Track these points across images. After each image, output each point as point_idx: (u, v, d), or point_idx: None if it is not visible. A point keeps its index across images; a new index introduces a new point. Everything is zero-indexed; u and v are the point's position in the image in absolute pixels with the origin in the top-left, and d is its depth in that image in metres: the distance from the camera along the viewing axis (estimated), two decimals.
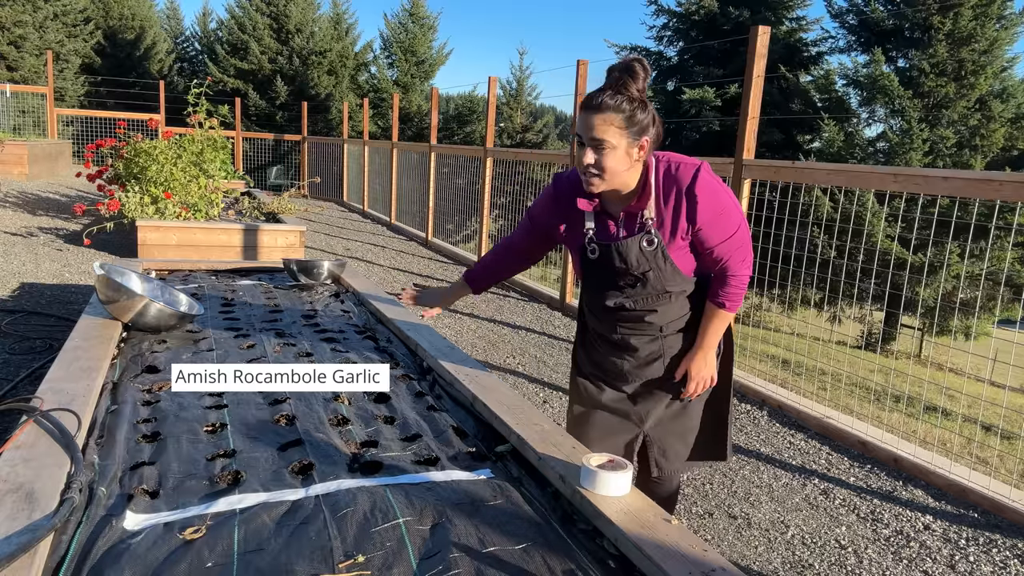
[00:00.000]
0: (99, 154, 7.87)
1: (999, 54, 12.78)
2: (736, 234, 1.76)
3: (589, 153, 1.66)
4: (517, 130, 20.01)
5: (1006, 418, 5.61)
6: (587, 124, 1.63)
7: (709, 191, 1.70)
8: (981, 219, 9.54)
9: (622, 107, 1.62)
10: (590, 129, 1.63)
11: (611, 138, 1.63)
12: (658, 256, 1.75)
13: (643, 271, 1.77)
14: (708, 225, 1.72)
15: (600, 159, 1.65)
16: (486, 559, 1.27)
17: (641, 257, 1.75)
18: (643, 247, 1.75)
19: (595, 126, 1.63)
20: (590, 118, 1.63)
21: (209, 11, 24.35)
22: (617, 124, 1.62)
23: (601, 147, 1.64)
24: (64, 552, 1.23)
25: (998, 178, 2.76)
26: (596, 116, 1.62)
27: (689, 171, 1.71)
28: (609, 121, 1.62)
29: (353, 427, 1.86)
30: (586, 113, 1.64)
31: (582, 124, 1.64)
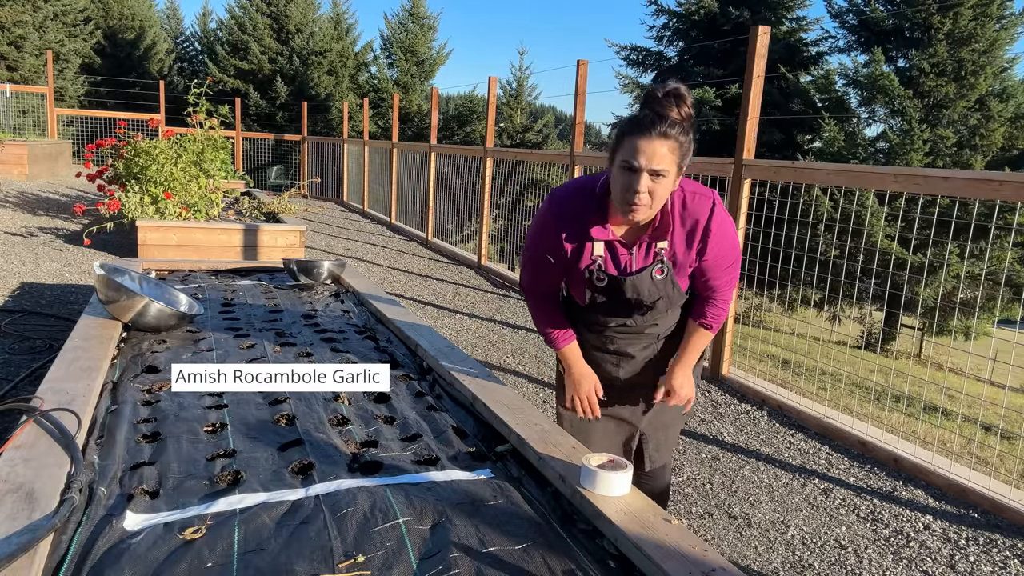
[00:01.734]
0: (99, 154, 7.88)
1: (999, 54, 12.79)
2: (734, 264, 1.80)
3: (644, 180, 1.58)
4: (517, 130, 20.01)
5: (1006, 418, 5.61)
6: (649, 152, 1.55)
7: (723, 226, 1.72)
8: (981, 219, 9.54)
9: (680, 138, 1.58)
10: (652, 157, 1.56)
11: (669, 167, 1.58)
12: (667, 284, 1.77)
13: (654, 300, 1.79)
14: (716, 258, 1.75)
15: (655, 188, 1.59)
16: (486, 559, 1.27)
17: (653, 288, 1.76)
18: (655, 277, 1.75)
19: (657, 154, 1.56)
20: (653, 145, 1.55)
21: (209, 11, 24.38)
22: (674, 152, 1.58)
23: (658, 176, 1.58)
24: (64, 552, 1.23)
25: (998, 178, 2.76)
26: (661, 143, 1.56)
27: (707, 204, 1.71)
28: (671, 150, 1.57)
29: (353, 427, 1.86)
30: (647, 139, 1.56)
31: (639, 150, 1.56)
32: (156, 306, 2.59)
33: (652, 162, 1.56)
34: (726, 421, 3.62)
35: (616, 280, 1.76)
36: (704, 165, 4.38)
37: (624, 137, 1.59)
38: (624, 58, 17.41)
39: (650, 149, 1.55)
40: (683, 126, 1.58)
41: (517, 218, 8.86)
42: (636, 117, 1.60)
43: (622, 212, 1.64)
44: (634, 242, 1.75)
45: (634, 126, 1.58)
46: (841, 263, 4.29)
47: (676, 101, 1.59)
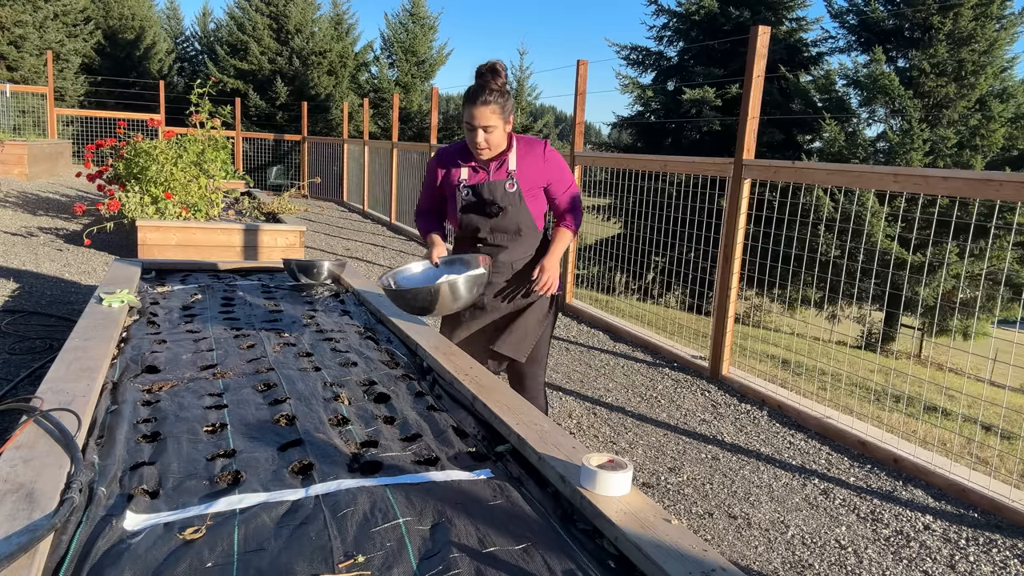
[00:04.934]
0: (99, 154, 7.88)
1: (999, 54, 12.79)
2: (572, 186, 2.59)
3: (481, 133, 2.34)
4: (517, 130, 20.00)
5: (1006, 418, 5.61)
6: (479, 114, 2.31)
7: (556, 153, 2.53)
8: (981, 219, 9.54)
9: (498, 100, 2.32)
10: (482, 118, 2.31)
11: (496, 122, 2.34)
12: (516, 196, 2.47)
13: (505, 204, 2.45)
14: (561, 176, 2.54)
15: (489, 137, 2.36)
16: (486, 559, 1.27)
17: (504, 196, 2.46)
18: (506, 189, 2.46)
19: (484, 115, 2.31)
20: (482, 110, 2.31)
21: (209, 11, 24.34)
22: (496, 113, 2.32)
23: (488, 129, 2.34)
24: (64, 552, 1.23)
25: (998, 178, 2.76)
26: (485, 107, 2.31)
27: (540, 141, 2.51)
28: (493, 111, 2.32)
29: (353, 427, 1.86)
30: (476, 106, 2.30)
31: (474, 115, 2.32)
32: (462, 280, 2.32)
33: (484, 121, 2.32)
34: (726, 421, 3.62)
35: (478, 188, 2.47)
36: (704, 165, 4.38)
37: (465, 104, 2.34)
38: (624, 58, 17.41)
39: (479, 114, 2.31)
40: (500, 91, 2.32)
41: None
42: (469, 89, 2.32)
43: (475, 155, 2.44)
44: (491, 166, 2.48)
45: (468, 97, 2.33)
46: (841, 263, 4.29)
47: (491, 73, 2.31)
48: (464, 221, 2.53)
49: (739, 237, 4.09)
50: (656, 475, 2.98)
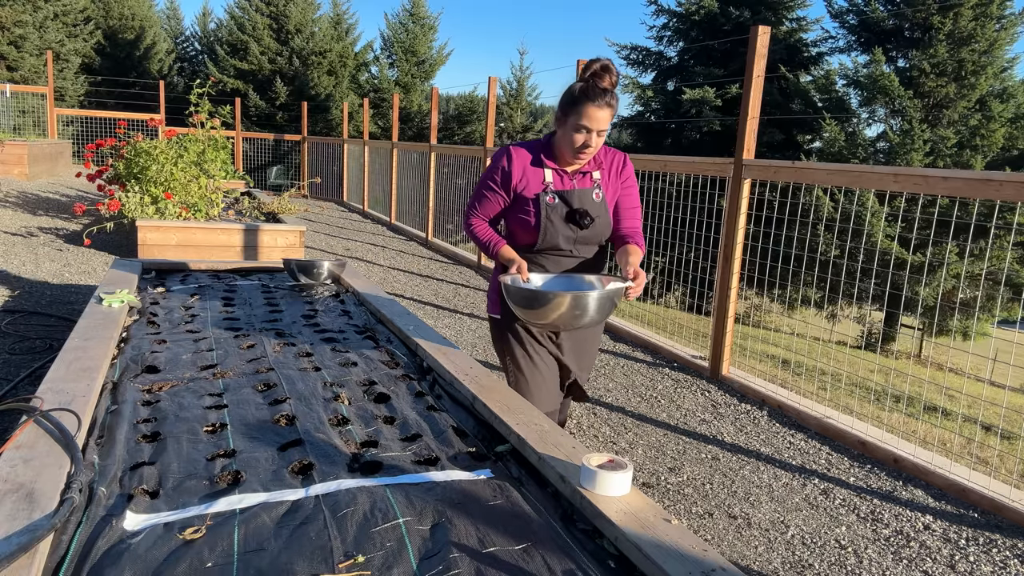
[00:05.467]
0: (99, 154, 7.88)
1: (999, 54, 12.78)
2: (640, 206, 2.41)
3: (594, 137, 2.13)
4: (517, 130, 20.01)
5: (1006, 418, 5.61)
6: (598, 117, 2.09)
7: (632, 167, 2.37)
8: (981, 219, 9.54)
9: (614, 104, 2.11)
10: (601, 121, 2.10)
11: (607, 126, 2.14)
12: (603, 207, 2.27)
13: (595, 215, 2.24)
14: (632, 192, 2.36)
15: (598, 141, 2.16)
16: (486, 559, 1.27)
17: (592, 205, 2.25)
18: (594, 198, 2.26)
19: (603, 118, 2.09)
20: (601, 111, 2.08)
21: (209, 11, 24.39)
22: (611, 116, 2.12)
23: (601, 133, 2.14)
24: (64, 552, 1.23)
25: (998, 178, 2.76)
26: (606, 111, 2.09)
27: (620, 153, 2.36)
28: (610, 115, 2.11)
29: (353, 427, 1.86)
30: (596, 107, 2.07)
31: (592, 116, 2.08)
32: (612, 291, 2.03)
33: (600, 124, 2.11)
34: (726, 421, 3.62)
35: (566, 194, 2.23)
36: (704, 165, 4.38)
37: (578, 104, 2.10)
38: (624, 58, 17.41)
39: (599, 115, 2.08)
40: (614, 93, 2.11)
41: None
42: (587, 89, 2.09)
43: (575, 158, 2.20)
44: (576, 171, 2.28)
45: (587, 96, 2.08)
46: (841, 263, 4.29)
47: (608, 73, 2.09)
48: (547, 232, 2.23)
49: (739, 237, 4.09)
50: (656, 475, 2.98)
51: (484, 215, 2.35)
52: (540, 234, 2.24)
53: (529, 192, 2.24)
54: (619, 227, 2.33)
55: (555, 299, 1.97)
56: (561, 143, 2.19)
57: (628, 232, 2.31)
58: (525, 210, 2.25)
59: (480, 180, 2.34)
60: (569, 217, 2.22)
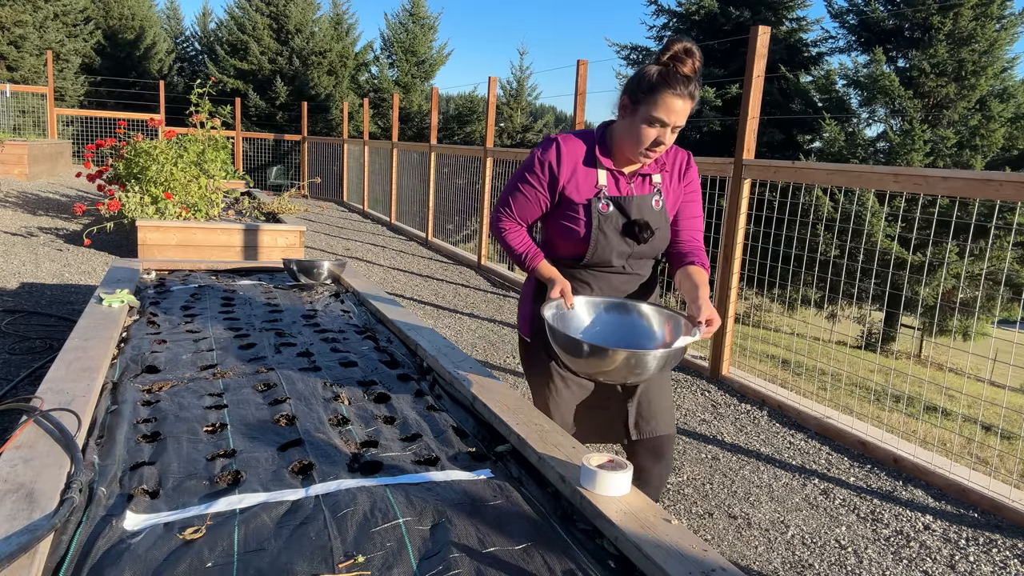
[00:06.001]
0: (99, 154, 7.88)
1: (999, 54, 12.78)
2: (702, 215, 2.05)
3: (669, 133, 1.75)
4: (517, 130, 20.01)
5: (1006, 418, 5.61)
6: (678, 110, 1.71)
7: (696, 170, 2.00)
8: (981, 219, 9.54)
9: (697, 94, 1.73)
10: (680, 115, 1.72)
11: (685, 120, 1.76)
12: (663, 215, 1.92)
13: (655, 226, 1.89)
14: (692, 200, 1.98)
15: (671, 137, 1.78)
16: (486, 559, 1.27)
17: (652, 213, 1.89)
18: (654, 206, 1.90)
19: (682, 112, 1.72)
20: (682, 103, 1.71)
21: (209, 11, 24.38)
22: (690, 108, 1.74)
23: (677, 129, 1.76)
24: (64, 552, 1.23)
25: (998, 178, 2.76)
26: (687, 102, 1.72)
27: (684, 152, 1.98)
28: (690, 107, 1.74)
29: (353, 427, 1.86)
30: (677, 97, 1.70)
31: (671, 108, 1.71)
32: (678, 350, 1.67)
33: (679, 119, 1.72)
34: (726, 421, 3.62)
35: (623, 202, 1.86)
36: (704, 165, 4.38)
37: (655, 91, 1.70)
38: (624, 58, 17.41)
39: (679, 107, 1.71)
40: (697, 82, 1.72)
41: None
42: (666, 75, 1.69)
43: (640, 156, 1.80)
44: (634, 174, 1.90)
45: (666, 83, 1.69)
46: (841, 263, 4.29)
47: (691, 56, 1.70)
48: (599, 245, 1.87)
49: (739, 237, 4.09)
50: None
51: (519, 218, 1.95)
52: (590, 248, 1.87)
53: (579, 196, 1.85)
54: (678, 241, 1.96)
55: (610, 355, 1.61)
56: (623, 138, 1.80)
57: (689, 248, 1.94)
58: (572, 217, 1.86)
59: (516, 174, 1.94)
60: (626, 230, 1.86)
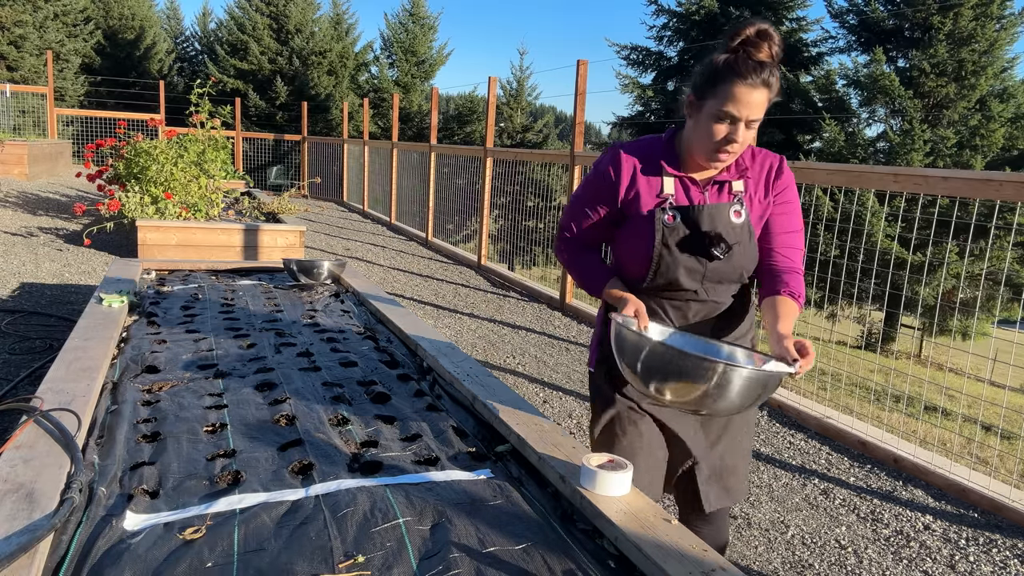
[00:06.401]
0: (99, 154, 7.88)
1: (999, 54, 12.79)
2: (801, 230, 1.68)
3: (743, 130, 1.50)
4: (517, 130, 20.02)
5: (1006, 418, 5.61)
6: (751, 102, 1.46)
7: (792, 177, 1.66)
8: (981, 219, 9.54)
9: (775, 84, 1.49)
10: (754, 107, 1.47)
11: (762, 113, 1.50)
12: (745, 230, 1.61)
13: (733, 241, 1.59)
14: (785, 211, 1.65)
15: (747, 135, 1.51)
16: (486, 559, 1.27)
17: (730, 227, 1.59)
18: (732, 219, 1.60)
19: (757, 104, 1.47)
20: (755, 94, 1.46)
21: (209, 11, 24.37)
22: (768, 100, 1.50)
23: (753, 124, 1.50)
24: (64, 552, 1.23)
25: (998, 178, 2.76)
26: (762, 92, 1.47)
27: (775, 155, 1.67)
28: (768, 98, 1.49)
29: (353, 427, 1.86)
30: (750, 87, 1.45)
31: (742, 100, 1.46)
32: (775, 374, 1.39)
33: (752, 112, 1.47)
34: None
35: (691, 212, 1.58)
36: None
37: (721, 82, 1.48)
38: (624, 58, 17.43)
39: (752, 98, 1.46)
40: (775, 70, 1.48)
41: (517, 218, 8.87)
42: (735, 62, 1.46)
43: (709, 159, 1.55)
44: (708, 180, 1.62)
45: (733, 71, 1.46)
46: (841, 263, 4.29)
47: (767, 40, 1.46)
48: (663, 262, 1.60)
49: None
50: None
51: (582, 239, 1.74)
52: (652, 265, 1.61)
53: (641, 207, 1.62)
54: (768, 261, 1.64)
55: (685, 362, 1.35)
56: (692, 140, 1.57)
57: (781, 268, 1.63)
58: (634, 232, 1.63)
59: (575, 192, 1.74)
60: (695, 243, 1.58)
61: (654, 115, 16.53)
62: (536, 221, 9.05)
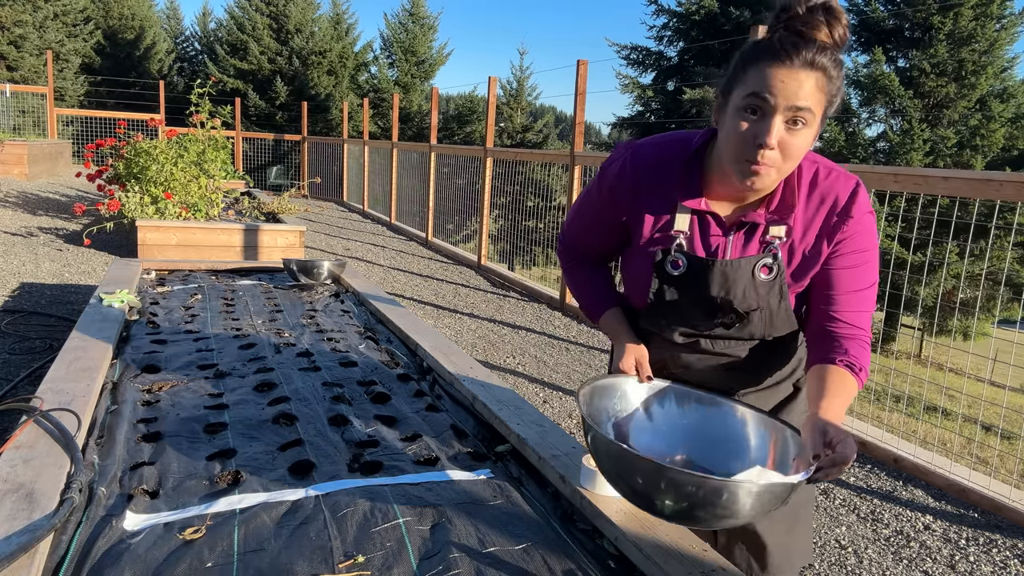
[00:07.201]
0: (99, 154, 7.88)
1: (999, 54, 12.80)
2: (874, 285, 1.24)
3: (778, 125, 1.08)
4: (517, 130, 20.01)
5: (1006, 418, 5.61)
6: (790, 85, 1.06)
7: (868, 218, 1.20)
8: (981, 219, 9.54)
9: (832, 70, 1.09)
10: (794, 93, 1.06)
11: (815, 108, 1.08)
12: (773, 291, 1.23)
13: (748, 308, 1.23)
14: (853, 264, 1.21)
15: (789, 140, 1.09)
16: (486, 559, 1.27)
17: (751, 290, 1.22)
18: (758, 276, 1.22)
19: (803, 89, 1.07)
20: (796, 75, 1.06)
21: (209, 11, 24.36)
22: (822, 90, 1.09)
23: (798, 121, 1.08)
24: (64, 552, 1.23)
25: (998, 178, 2.76)
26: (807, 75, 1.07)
27: (847, 183, 1.20)
28: (819, 86, 1.08)
29: (353, 427, 1.86)
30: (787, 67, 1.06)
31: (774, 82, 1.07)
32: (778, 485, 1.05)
33: (793, 98, 1.06)
34: None
35: (701, 265, 1.22)
36: None
37: (750, 66, 1.09)
38: (624, 58, 17.43)
39: (792, 81, 1.06)
40: (835, 54, 1.09)
41: (517, 218, 8.87)
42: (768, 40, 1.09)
43: (738, 174, 1.13)
44: (735, 221, 1.23)
45: (765, 51, 1.08)
46: None
47: (827, 17, 1.07)
48: (660, 311, 1.31)
49: None
50: None
51: (582, 246, 1.45)
52: (646, 312, 1.33)
53: (643, 238, 1.29)
54: (825, 324, 1.23)
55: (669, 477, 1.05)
56: (721, 150, 1.17)
57: (841, 335, 1.22)
58: (636, 264, 1.32)
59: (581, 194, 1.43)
60: (695, 297, 1.26)
61: (654, 115, 16.54)
62: (536, 221, 9.05)
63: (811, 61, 1.06)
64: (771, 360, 1.37)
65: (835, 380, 1.17)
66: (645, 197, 1.28)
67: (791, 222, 1.20)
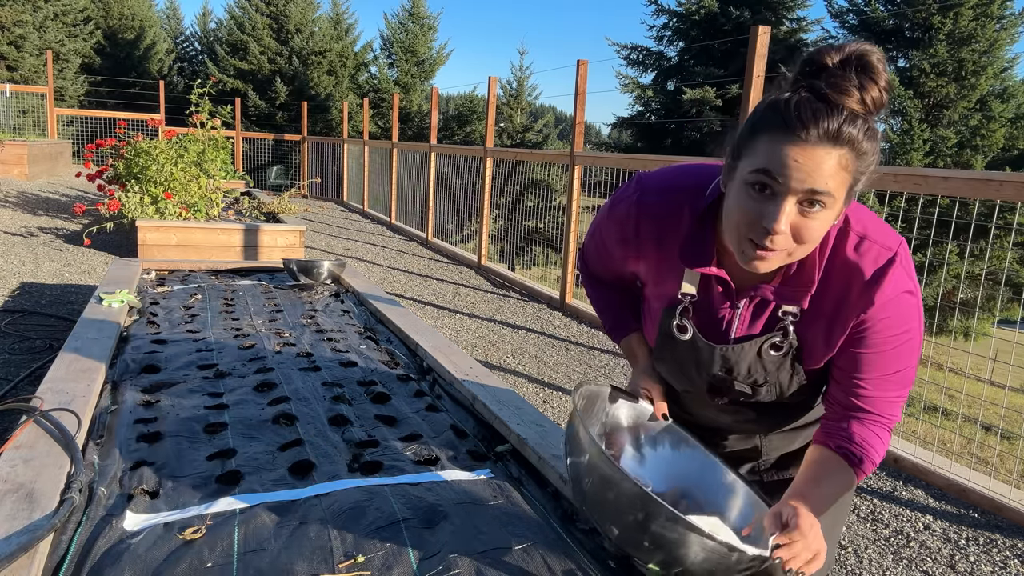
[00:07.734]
0: (99, 154, 7.88)
1: (999, 54, 12.80)
2: (909, 367, 1.10)
3: (789, 209, 0.95)
4: (517, 130, 20.01)
5: (1006, 418, 5.61)
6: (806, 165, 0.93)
7: (895, 303, 1.05)
8: (981, 219, 9.54)
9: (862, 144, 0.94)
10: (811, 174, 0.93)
11: (836, 191, 0.95)
12: (784, 368, 1.13)
13: (754, 382, 1.15)
14: (878, 352, 1.08)
15: (803, 224, 0.96)
16: (486, 559, 1.27)
17: (758, 367, 1.14)
18: (766, 354, 1.13)
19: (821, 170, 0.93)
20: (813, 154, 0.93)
21: (209, 11, 24.34)
22: (847, 169, 0.95)
23: (815, 204, 0.95)
24: (64, 552, 1.23)
25: (998, 178, 2.76)
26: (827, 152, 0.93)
27: (878, 257, 1.04)
28: (843, 164, 0.94)
29: (353, 427, 1.86)
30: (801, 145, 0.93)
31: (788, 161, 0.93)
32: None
33: (809, 181, 0.93)
34: None
35: (702, 346, 1.16)
36: None
37: (761, 133, 0.97)
38: (624, 58, 17.43)
39: (809, 160, 0.92)
40: (868, 122, 0.94)
41: (517, 218, 8.87)
42: (784, 103, 0.94)
43: (740, 255, 1.02)
44: (745, 289, 1.12)
45: (780, 120, 0.94)
46: None
47: (860, 78, 0.92)
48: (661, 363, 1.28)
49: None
50: None
51: (598, 266, 1.37)
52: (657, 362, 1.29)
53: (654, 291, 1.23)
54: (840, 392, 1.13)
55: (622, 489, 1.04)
56: (726, 222, 1.05)
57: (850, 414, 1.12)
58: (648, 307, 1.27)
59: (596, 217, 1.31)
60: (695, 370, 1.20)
61: (654, 115, 16.54)
62: (536, 221, 9.05)
63: (834, 135, 0.92)
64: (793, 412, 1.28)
65: (823, 468, 1.10)
66: (651, 250, 1.19)
67: (804, 304, 1.08)
